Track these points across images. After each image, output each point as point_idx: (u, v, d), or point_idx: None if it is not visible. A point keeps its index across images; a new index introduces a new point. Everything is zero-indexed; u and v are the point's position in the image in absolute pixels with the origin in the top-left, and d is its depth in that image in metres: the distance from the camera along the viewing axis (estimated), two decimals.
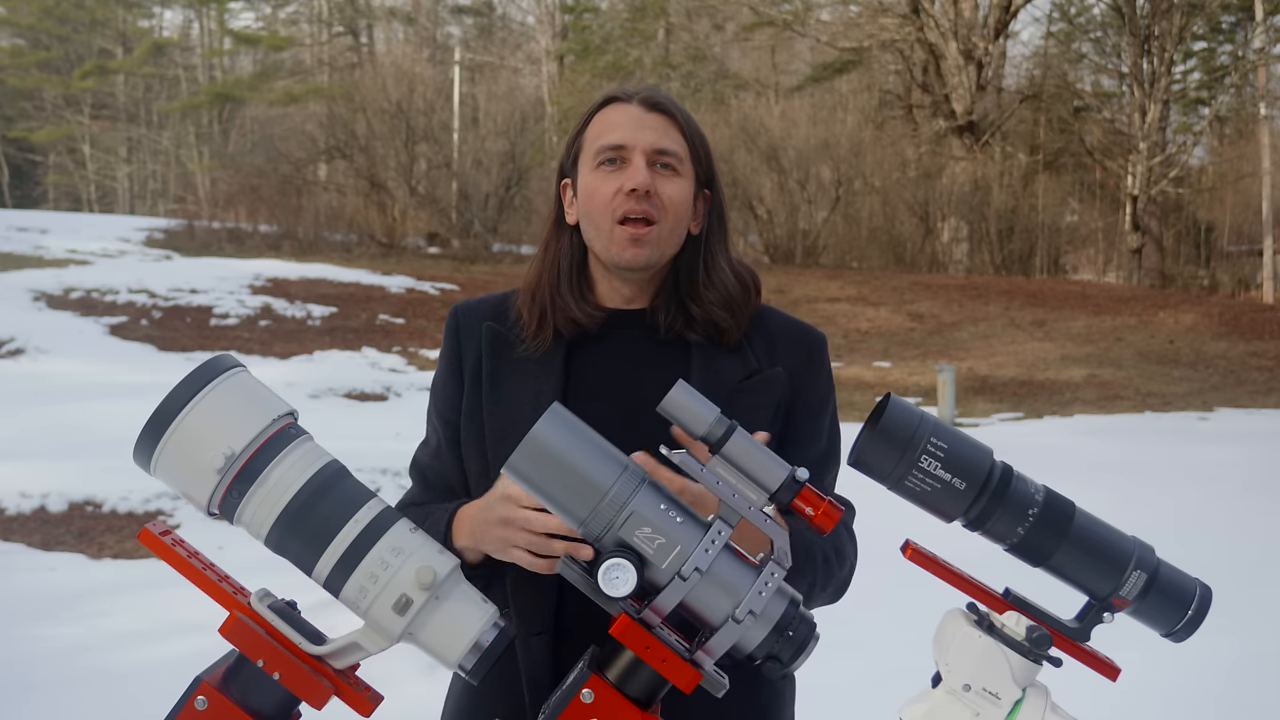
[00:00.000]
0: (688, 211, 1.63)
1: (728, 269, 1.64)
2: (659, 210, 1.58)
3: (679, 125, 1.62)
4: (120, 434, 2.09)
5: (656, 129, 1.60)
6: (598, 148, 1.60)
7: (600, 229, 1.60)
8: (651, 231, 1.58)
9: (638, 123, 1.60)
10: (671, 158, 1.60)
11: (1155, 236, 25.74)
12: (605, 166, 1.60)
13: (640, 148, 1.58)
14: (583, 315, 1.62)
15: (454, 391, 1.67)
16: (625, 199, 1.57)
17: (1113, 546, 1.16)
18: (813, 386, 1.65)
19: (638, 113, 1.61)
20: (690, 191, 1.62)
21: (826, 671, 1.90)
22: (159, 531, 1.10)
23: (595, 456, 1.09)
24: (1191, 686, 4.27)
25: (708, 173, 1.66)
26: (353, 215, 24.83)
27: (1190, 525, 6.62)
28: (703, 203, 1.66)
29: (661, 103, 1.62)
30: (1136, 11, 24.43)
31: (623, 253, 1.58)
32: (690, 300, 1.62)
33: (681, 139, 1.62)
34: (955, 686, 1.14)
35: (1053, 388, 13.86)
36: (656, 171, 1.59)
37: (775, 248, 24.27)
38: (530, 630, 1.54)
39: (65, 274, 16.39)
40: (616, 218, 1.57)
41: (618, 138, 1.59)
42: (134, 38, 39.63)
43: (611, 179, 1.58)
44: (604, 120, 1.63)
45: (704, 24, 31.42)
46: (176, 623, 4.93)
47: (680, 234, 1.63)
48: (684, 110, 1.65)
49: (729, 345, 1.62)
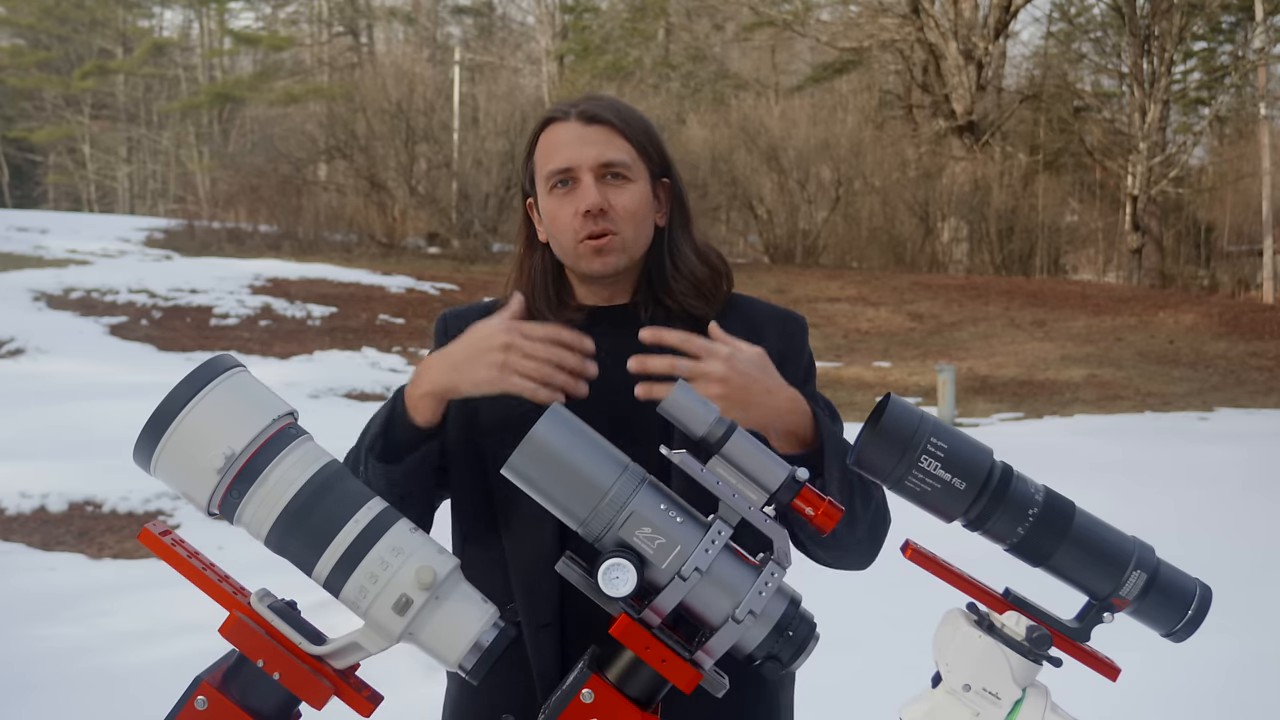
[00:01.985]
0: (647, 210, 1.64)
1: (693, 255, 1.66)
2: (616, 221, 1.59)
3: (620, 130, 1.62)
4: (120, 434, 2.09)
5: (598, 142, 1.60)
6: (546, 173, 1.62)
7: (566, 249, 1.63)
8: (614, 239, 1.59)
9: (579, 140, 1.61)
10: (619, 167, 1.61)
11: (1155, 236, 25.74)
12: (558, 189, 1.61)
13: (586, 165, 1.59)
14: (561, 321, 1.62)
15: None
16: (583, 221, 1.58)
17: (1113, 546, 1.16)
18: (796, 365, 1.66)
19: (577, 129, 1.61)
20: (645, 191, 1.63)
21: (826, 671, 1.90)
22: (159, 531, 1.10)
23: (595, 456, 1.09)
24: (1192, 687, 4.27)
25: (662, 164, 1.67)
26: (353, 215, 24.82)
27: (1190, 525, 6.62)
28: (663, 192, 1.68)
29: (598, 113, 1.62)
30: (1136, 11, 24.43)
31: (591, 264, 1.60)
32: (661, 292, 1.64)
33: (626, 144, 1.62)
34: (955, 686, 1.14)
35: (1053, 388, 13.87)
36: (607, 184, 1.60)
37: (775, 248, 24.28)
38: (538, 622, 1.54)
39: (65, 274, 16.40)
40: (578, 238, 1.59)
41: (562, 160, 1.60)
42: (134, 38, 39.65)
43: (566, 202, 1.60)
44: (548, 142, 1.64)
45: (704, 24, 31.43)
46: (176, 623, 4.92)
47: (646, 232, 1.64)
48: (624, 111, 1.65)
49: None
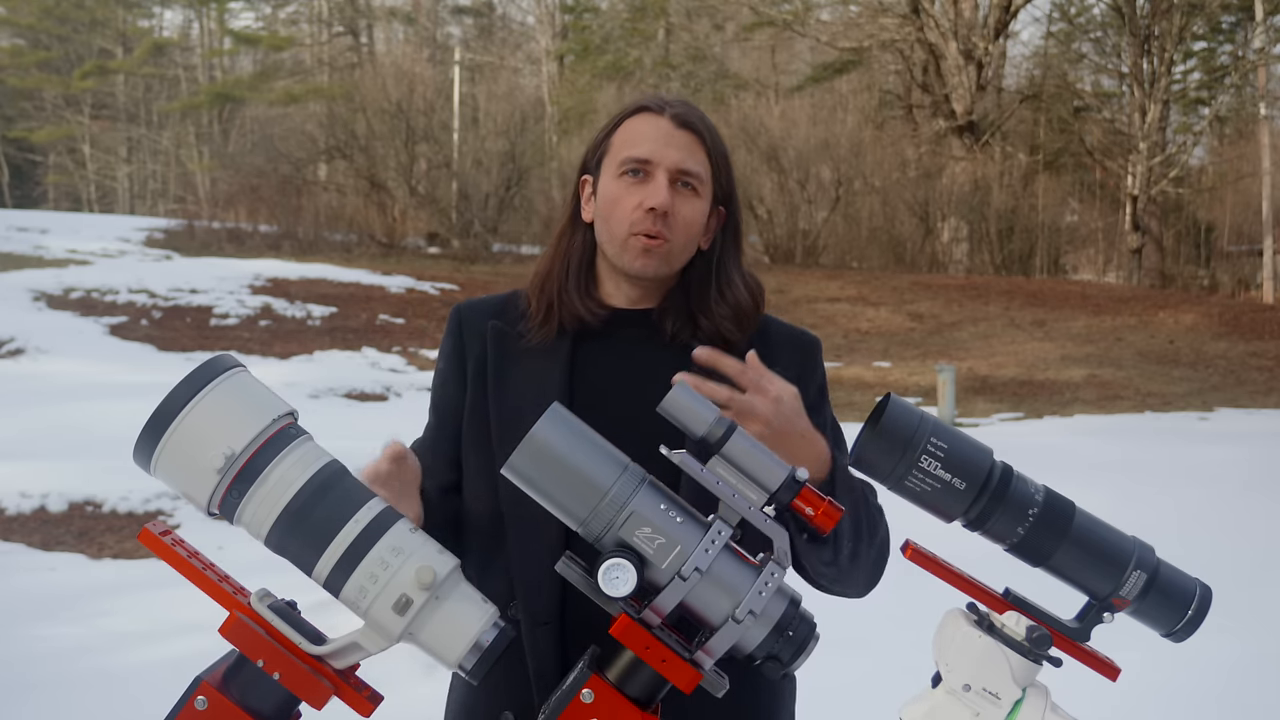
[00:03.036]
0: (700, 230, 1.64)
1: (741, 285, 1.66)
2: (671, 229, 1.59)
3: (705, 145, 1.63)
4: (120, 434, 2.09)
5: (683, 148, 1.61)
6: (623, 157, 1.61)
7: (614, 236, 1.62)
8: (664, 246, 1.59)
9: (666, 139, 1.60)
10: (694, 178, 1.61)
11: (1155, 236, 25.75)
12: (628, 177, 1.60)
13: (665, 165, 1.59)
14: (586, 312, 1.63)
15: (456, 389, 1.68)
16: (644, 215, 1.58)
17: (1113, 546, 1.16)
18: (813, 385, 1.67)
19: (667, 128, 1.61)
20: (705, 210, 1.64)
21: (827, 671, 1.90)
22: (159, 531, 1.10)
23: (595, 456, 1.09)
24: (1192, 687, 4.27)
25: (726, 191, 1.67)
26: (353, 215, 24.83)
27: (1190, 525, 6.62)
28: (715, 219, 1.68)
29: (692, 121, 1.63)
30: (1136, 11, 24.44)
31: (634, 261, 1.60)
32: (699, 311, 1.64)
33: (706, 160, 1.63)
34: (955, 686, 1.14)
35: (1053, 388, 13.87)
36: (677, 190, 1.60)
37: (775, 248, 24.28)
38: (536, 621, 1.54)
39: (65, 274, 16.40)
40: (632, 230, 1.59)
41: (644, 151, 1.60)
42: (134, 38, 39.65)
43: (633, 192, 1.59)
44: (633, 129, 1.63)
45: (704, 24, 31.43)
46: (176, 623, 4.92)
47: (690, 250, 1.65)
48: (713, 128, 1.66)
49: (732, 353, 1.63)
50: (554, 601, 1.53)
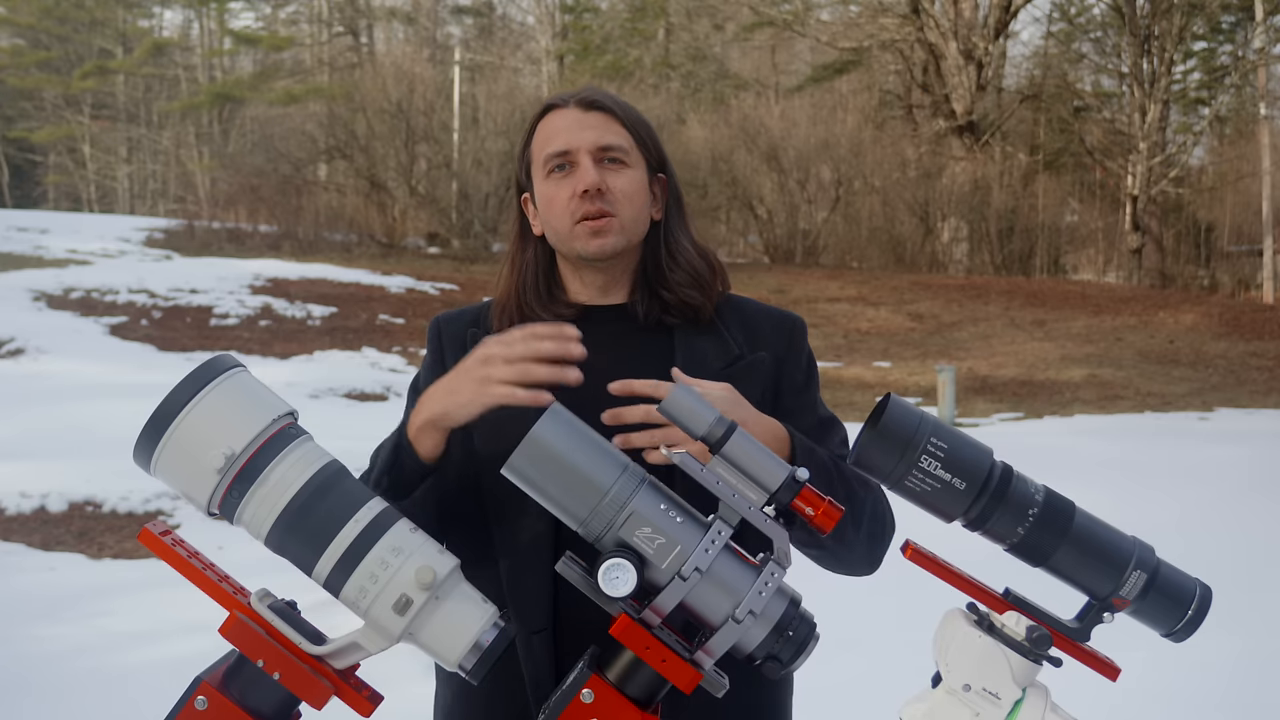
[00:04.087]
0: (645, 199, 1.65)
1: (691, 248, 1.67)
2: (614, 204, 1.60)
3: (619, 118, 1.64)
4: (120, 434, 2.09)
5: (597, 126, 1.62)
6: (545, 156, 1.63)
7: (561, 233, 1.62)
8: (612, 222, 1.60)
9: (577, 124, 1.62)
10: (617, 151, 1.62)
11: (1155, 236, 25.74)
12: (556, 174, 1.62)
13: (584, 148, 1.60)
14: (552, 317, 1.63)
15: None
16: (580, 201, 1.59)
17: (1113, 546, 1.16)
18: (796, 366, 1.67)
19: (576, 115, 1.63)
20: (643, 179, 1.65)
21: (826, 671, 1.90)
22: (159, 531, 1.10)
23: (595, 456, 1.09)
24: (1194, 687, 4.27)
25: (658, 158, 1.68)
26: (353, 215, 24.82)
27: (1191, 525, 6.62)
28: (659, 187, 1.69)
29: (597, 100, 1.65)
30: (1136, 11, 24.43)
31: (587, 245, 1.60)
32: (660, 287, 1.64)
33: (624, 130, 1.64)
34: (955, 686, 1.14)
35: (1053, 388, 13.87)
36: (605, 167, 1.61)
37: (775, 248, 24.28)
38: (530, 628, 1.53)
39: (65, 274, 16.40)
40: (574, 219, 1.60)
41: (561, 143, 1.61)
42: (134, 38, 39.64)
43: (564, 184, 1.61)
44: (546, 129, 1.65)
45: (704, 24, 31.42)
46: (176, 623, 4.92)
47: (642, 221, 1.65)
48: (622, 102, 1.67)
49: (705, 325, 1.65)
50: (547, 609, 1.52)
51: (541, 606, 1.51)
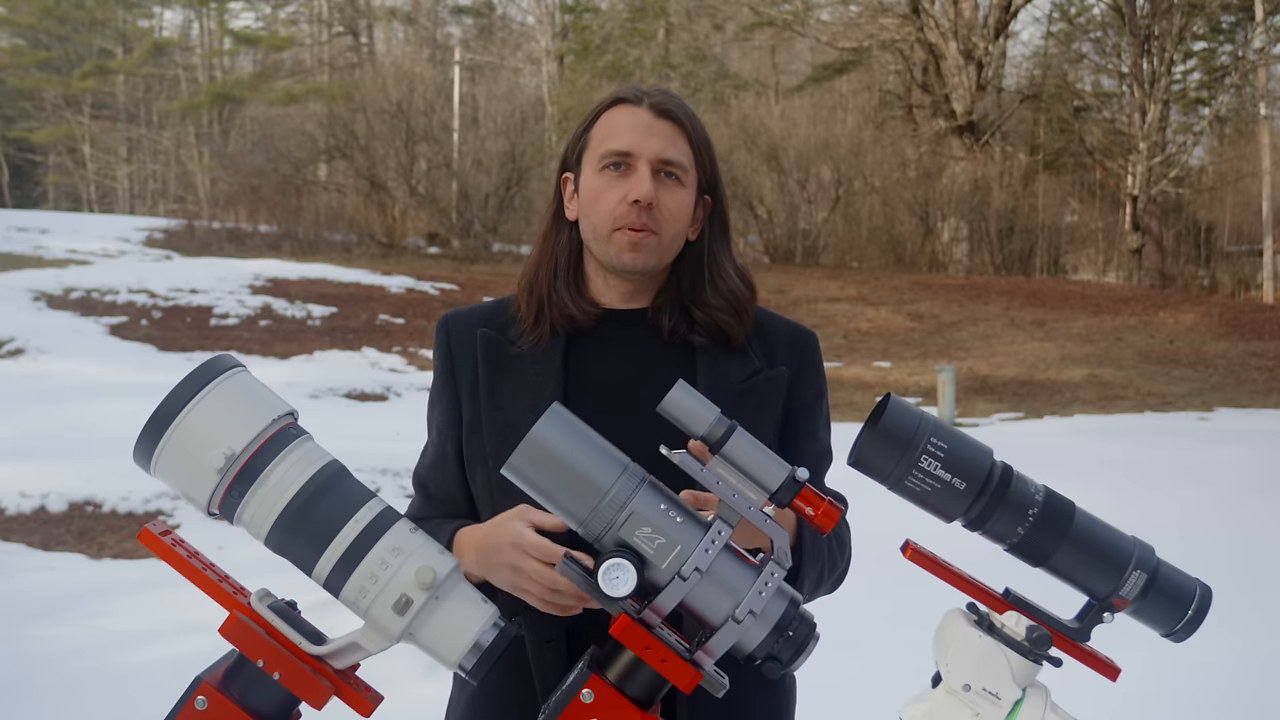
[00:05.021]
0: (687, 221, 1.61)
1: (733, 273, 1.63)
2: (659, 222, 1.56)
3: (686, 133, 1.60)
4: (120, 434, 2.09)
5: (664, 137, 1.57)
6: (603, 150, 1.58)
7: (599, 233, 1.59)
8: (652, 239, 1.57)
9: (646, 129, 1.57)
10: (677, 168, 1.58)
11: (1155, 236, 25.74)
12: (610, 171, 1.57)
13: (646, 156, 1.56)
14: (578, 312, 1.61)
15: (451, 402, 1.65)
16: (628, 209, 1.55)
17: (1113, 546, 1.16)
18: (809, 384, 1.66)
19: (647, 118, 1.58)
20: (691, 201, 1.61)
21: (826, 671, 1.90)
22: (159, 531, 1.10)
23: (595, 456, 1.09)
24: (1194, 687, 4.27)
25: (711, 179, 1.64)
26: (353, 215, 24.82)
27: (1191, 525, 6.62)
28: (702, 209, 1.65)
29: (672, 109, 1.59)
30: (1136, 11, 24.43)
31: (621, 255, 1.57)
32: (693, 305, 1.61)
33: (688, 148, 1.60)
34: (955, 686, 1.14)
35: (1053, 388, 13.87)
36: (660, 181, 1.57)
37: (775, 248, 24.28)
38: (542, 638, 1.53)
39: (65, 274, 16.40)
40: (617, 225, 1.56)
41: (624, 144, 1.56)
42: (134, 38, 39.62)
43: (616, 186, 1.56)
44: (612, 121, 1.60)
45: (704, 24, 31.41)
46: (176, 623, 4.92)
47: (679, 242, 1.62)
48: (693, 115, 1.63)
49: (733, 347, 1.62)
50: (558, 619, 1.50)
51: (552, 616, 1.50)
